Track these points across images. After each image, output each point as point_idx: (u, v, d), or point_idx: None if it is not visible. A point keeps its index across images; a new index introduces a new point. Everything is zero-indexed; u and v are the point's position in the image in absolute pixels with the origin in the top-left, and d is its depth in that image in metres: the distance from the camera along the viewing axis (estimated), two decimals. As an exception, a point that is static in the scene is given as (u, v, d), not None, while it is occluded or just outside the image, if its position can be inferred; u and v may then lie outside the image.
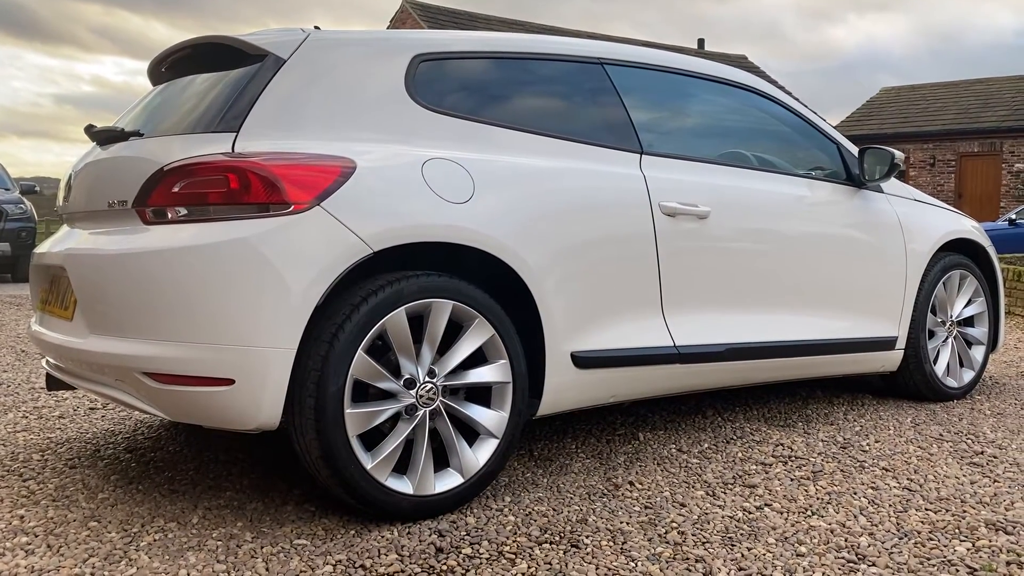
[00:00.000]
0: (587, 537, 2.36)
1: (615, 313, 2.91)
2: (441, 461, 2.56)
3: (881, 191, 3.89)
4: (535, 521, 2.47)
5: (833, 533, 2.40)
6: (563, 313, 2.75)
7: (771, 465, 3.01)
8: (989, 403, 4.04)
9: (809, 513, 2.55)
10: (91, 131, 2.87)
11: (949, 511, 2.57)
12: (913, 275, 3.88)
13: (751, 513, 2.55)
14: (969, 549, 2.29)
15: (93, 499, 2.67)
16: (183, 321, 2.31)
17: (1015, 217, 15.64)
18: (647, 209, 3.00)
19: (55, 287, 2.78)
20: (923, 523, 2.47)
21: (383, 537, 2.36)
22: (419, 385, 2.48)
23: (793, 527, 2.44)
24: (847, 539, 2.35)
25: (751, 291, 3.31)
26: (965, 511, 2.57)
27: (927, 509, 2.59)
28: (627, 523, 2.46)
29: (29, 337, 3.06)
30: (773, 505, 2.61)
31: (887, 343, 3.82)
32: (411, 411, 2.47)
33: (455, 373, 2.57)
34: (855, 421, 3.66)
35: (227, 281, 2.30)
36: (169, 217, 2.42)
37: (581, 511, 2.55)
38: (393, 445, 2.43)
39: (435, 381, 2.52)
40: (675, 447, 3.23)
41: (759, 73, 26.87)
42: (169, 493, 2.73)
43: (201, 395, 2.32)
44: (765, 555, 2.25)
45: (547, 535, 2.37)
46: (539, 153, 2.86)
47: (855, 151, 3.83)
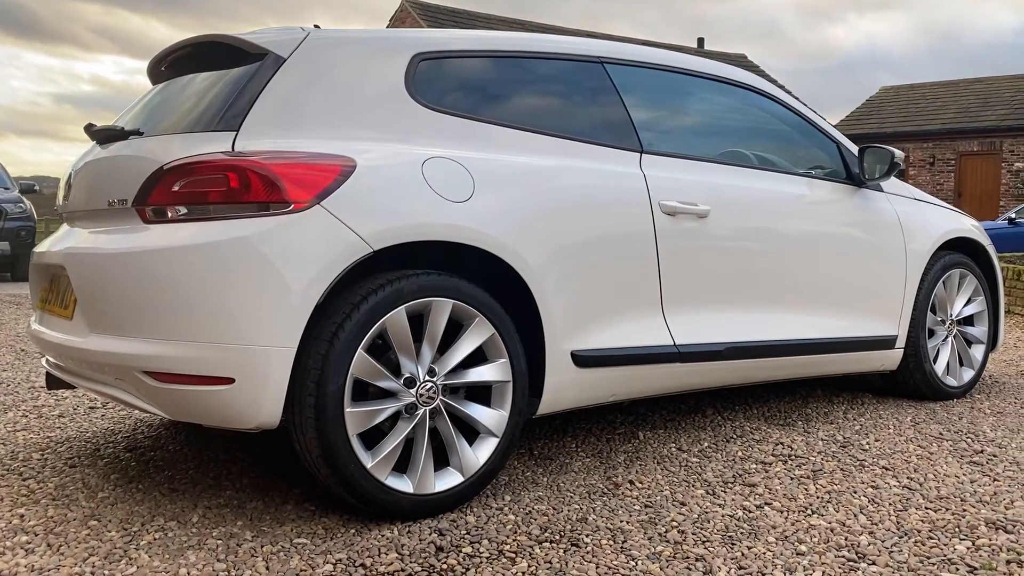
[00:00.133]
0: (587, 536, 2.36)
1: (615, 312, 2.91)
2: (441, 460, 2.56)
3: (881, 190, 3.89)
4: (535, 520, 2.48)
5: (833, 532, 2.40)
6: (563, 312, 2.75)
7: (771, 464, 3.02)
8: (989, 402, 4.05)
9: (809, 512, 2.55)
10: (91, 130, 2.87)
11: (949, 510, 2.57)
12: (913, 274, 3.88)
13: (751, 512, 2.55)
14: (969, 548, 2.29)
15: (93, 498, 2.67)
16: (183, 320, 2.31)
17: (1015, 216, 15.65)
18: (647, 208, 3.00)
19: (55, 286, 2.78)
20: (923, 522, 2.47)
21: (383, 536, 2.36)
22: (419, 384, 2.48)
23: (793, 526, 2.44)
24: (847, 538, 2.35)
25: (751, 290, 3.31)
26: (965, 510, 2.57)
27: (927, 508, 2.59)
28: (627, 522, 2.46)
29: (29, 336, 3.06)
30: (773, 504, 2.61)
31: (887, 342, 3.82)
32: (411, 410, 2.47)
33: (455, 372, 2.57)
34: (855, 420, 3.66)
35: (227, 280, 2.29)
36: (169, 216, 2.42)
37: (581, 510, 2.55)
38: (393, 444, 2.43)
39: (435, 380, 2.52)
40: (675, 446, 3.23)
41: (759, 72, 26.88)
42: (169, 492, 2.73)
43: (201, 394, 2.32)
44: (765, 554, 2.25)
45: (547, 534, 2.37)
46: (539, 152, 2.86)
47: (855, 150, 3.83)
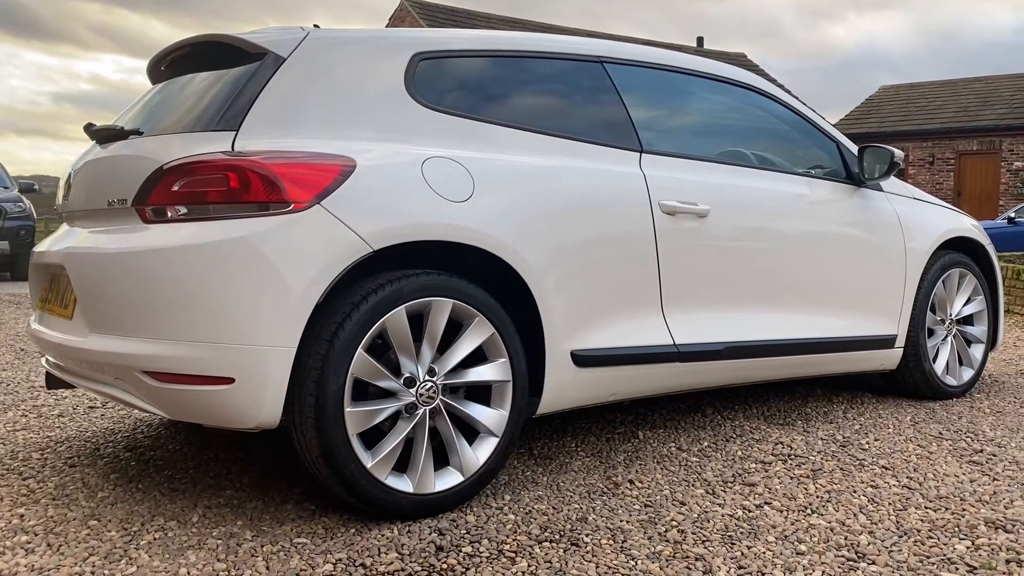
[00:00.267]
0: (587, 535, 2.36)
1: (615, 312, 2.91)
2: (441, 459, 2.56)
3: (880, 189, 3.89)
4: (535, 519, 2.48)
5: (833, 531, 2.40)
6: (563, 312, 2.75)
7: (771, 463, 3.02)
8: (988, 401, 4.05)
9: (809, 511, 2.55)
10: (91, 130, 2.87)
11: (948, 509, 2.57)
12: (912, 273, 3.89)
13: (751, 511, 2.55)
14: (968, 547, 2.29)
15: (93, 498, 2.67)
16: (183, 320, 2.31)
17: (1014, 215, 15.65)
18: (647, 208, 3.00)
19: (55, 286, 2.78)
20: (922, 521, 2.47)
21: (383, 535, 2.36)
22: (419, 384, 2.48)
23: (793, 525, 2.44)
24: (847, 537, 2.35)
25: (751, 289, 3.31)
26: (964, 509, 2.57)
27: (926, 507, 2.59)
28: (627, 521, 2.46)
29: (28, 336, 3.06)
30: (773, 503, 2.61)
31: (886, 341, 3.82)
32: (411, 410, 2.47)
33: (455, 372, 2.57)
34: (854, 419, 3.67)
35: (227, 280, 2.29)
36: (169, 216, 2.42)
37: (581, 509, 2.55)
38: (393, 443, 2.43)
39: (435, 380, 2.52)
40: (675, 445, 3.23)
41: (758, 71, 26.87)
42: (169, 492, 2.73)
43: (201, 394, 2.32)
44: (765, 553, 2.25)
45: (547, 533, 2.37)
46: (539, 152, 2.86)
47: (854, 149, 3.83)
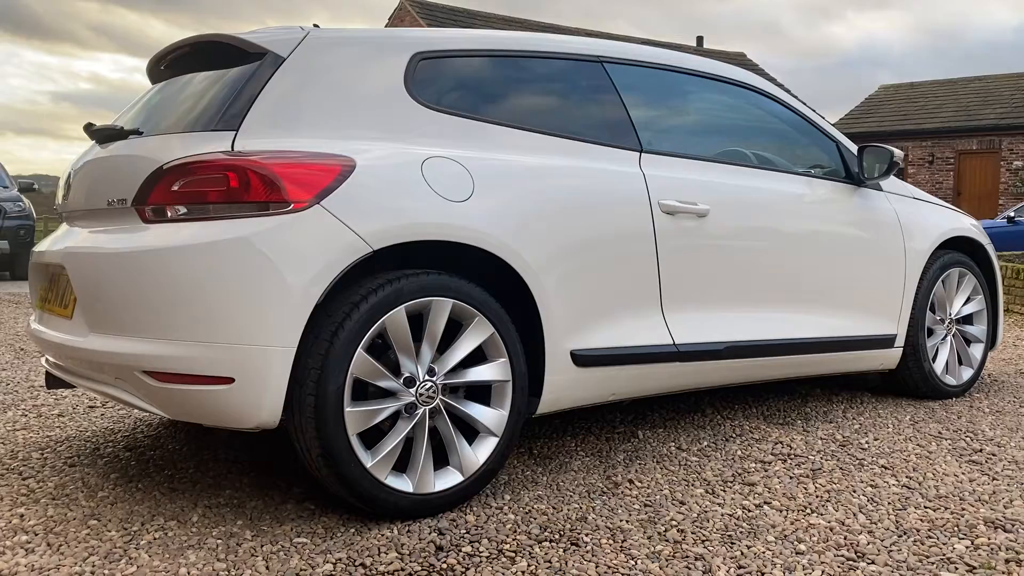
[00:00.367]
0: (587, 535, 2.36)
1: (614, 311, 2.92)
2: (441, 459, 2.56)
3: (880, 189, 3.89)
4: (535, 519, 2.48)
5: (832, 531, 2.40)
6: (563, 311, 2.75)
7: (770, 463, 3.02)
8: (988, 401, 4.05)
9: (808, 511, 2.56)
10: (90, 129, 2.87)
11: (948, 509, 2.57)
12: (912, 273, 3.89)
13: (750, 511, 2.55)
14: (968, 547, 2.29)
15: (93, 497, 2.67)
16: (183, 320, 2.31)
17: (1014, 215, 15.65)
18: (646, 207, 3.00)
19: (54, 285, 2.78)
20: (922, 521, 2.48)
21: (383, 535, 2.36)
22: (419, 383, 2.49)
23: (792, 525, 2.44)
24: (846, 537, 2.36)
25: (750, 289, 3.31)
26: (964, 509, 2.57)
27: (926, 507, 2.59)
28: (627, 521, 2.47)
29: (28, 335, 3.06)
30: (772, 503, 2.62)
31: (886, 341, 3.82)
32: (411, 409, 2.47)
33: (455, 371, 2.57)
34: (854, 419, 3.67)
35: (227, 280, 2.29)
36: (168, 216, 2.42)
37: (581, 509, 2.55)
38: (393, 443, 2.43)
39: (435, 379, 2.52)
40: (674, 445, 3.23)
41: (758, 71, 26.87)
42: (169, 491, 2.73)
43: (201, 394, 2.32)
44: (764, 553, 2.25)
45: (547, 533, 2.37)
46: (538, 151, 2.86)
47: (854, 149, 3.83)
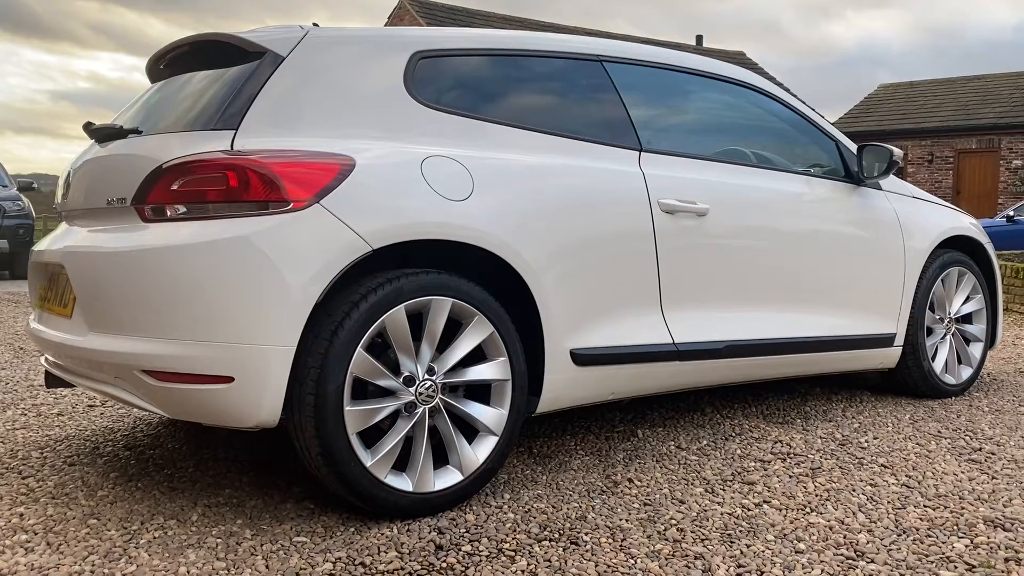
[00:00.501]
0: (586, 534, 2.36)
1: (614, 310, 2.91)
2: (440, 458, 2.56)
3: (879, 188, 3.89)
4: (534, 518, 2.48)
5: (832, 530, 2.40)
6: (562, 310, 2.75)
7: (770, 462, 3.02)
8: (987, 400, 4.05)
9: (808, 510, 2.56)
10: (90, 128, 2.87)
11: (947, 508, 2.57)
12: (911, 272, 3.89)
13: (750, 510, 2.55)
14: (967, 546, 2.29)
15: (92, 497, 2.67)
16: (182, 319, 2.31)
17: (1013, 214, 15.66)
18: (646, 206, 3.00)
19: (54, 285, 2.78)
20: (921, 520, 2.48)
21: (383, 534, 2.36)
22: (418, 383, 2.49)
23: (792, 524, 2.44)
24: (846, 536, 2.36)
25: (750, 288, 3.32)
26: (963, 508, 2.57)
27: (925, 506, 2.59)
28: (626, 520, 2.47)
29: (28, 334, 3.06)
30: (772, 502, 2.62)
31: (885, 340, 3.82)
32: (410, 408, 2.47)
33: (454, 371, 2.57)
34: (853, 418, 3.67)
35: (226, 279, 2.29)
36: (168, 215, 2.42)
37: (580, 508, 2.56)
38: (392, 442, 2.43)
39: (434, 379, 2.52)
40: (674, 444, 3.23)
41: (757, 70, 26.87)
42: (168, 491, 2.73)
43: (200, 393, 2.32)
44: (764, 552, 2.25)
45: (546, 532, 2.37)
46: (538, 150, 2.86)
47: (853, 148, 3.83)
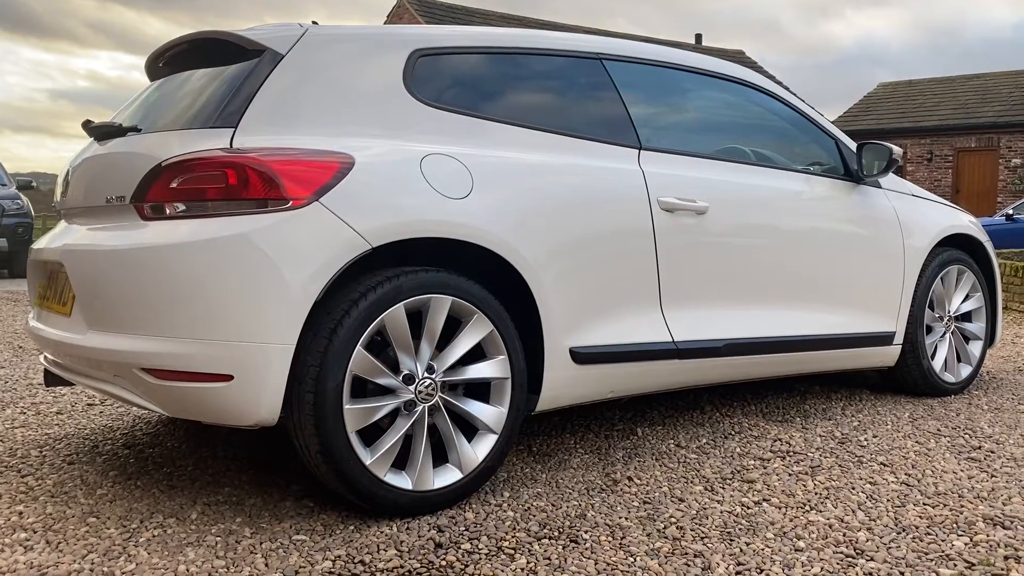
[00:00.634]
0: (586, 532, 2.36)
1: (614, 308, 2.91)
2: (440, 456, 2.56)
3: (879, 186, 3.89)
4: (534, 516, 2.48)
5: (831, 528, 2.40)
6: (562, 309, 2.75)
7: (769, 460, 3.02)
8: (986, 398, 4.05)
9: (807, 508, 2.56)
10: (88, 127, 2.86)
11: (947, 506, 2.57)
12: (911, 270, 3.89)
13: (749, 508, 2.55)
14: (967, 544, 2.29)
15: (92, 495, 2.67)
16: (182, 317, 2.31)
17: (1012, 212, 15.65)
18: (645, 204, 3.00)
19: (53, 283, 2.78)
20: (921, 518, 2.48)
21: (382, 532, 2.36)
22: (418, 381, 2.48)
23: (791, 522, 2.44)
24: (845, 534, 2.36)
25: (749, 286, 3.32)
26: (963, 506, 2.57)
27: (925, 504, 2.59)
28: (626, 518, 2.47)
29: (27, 333, 3.06)
30: (771, 500, 2.62)
31: (885, 338, 3.82)
32: (410, 407, 2.47)
33: (454, 369, 2.57)
34: (853, 416, 3.67)
35: (225, 277, 2.29)
36: (167, 213, 2.42)
37: (580, 506, 2.56)
38: (392, 441, 2.43)
39: (434, 377, 2.52)
40: (673, 442, 3.23)
41: (756, 68, 26.86)
42: (168, 489, 2.73)
43: (200, 391, 2.32)
44: (764, 550, 2.25)
45: (546, 530, 2.37)
46: (537, 148, 2.86)
47: (853, 146, 3.83)
